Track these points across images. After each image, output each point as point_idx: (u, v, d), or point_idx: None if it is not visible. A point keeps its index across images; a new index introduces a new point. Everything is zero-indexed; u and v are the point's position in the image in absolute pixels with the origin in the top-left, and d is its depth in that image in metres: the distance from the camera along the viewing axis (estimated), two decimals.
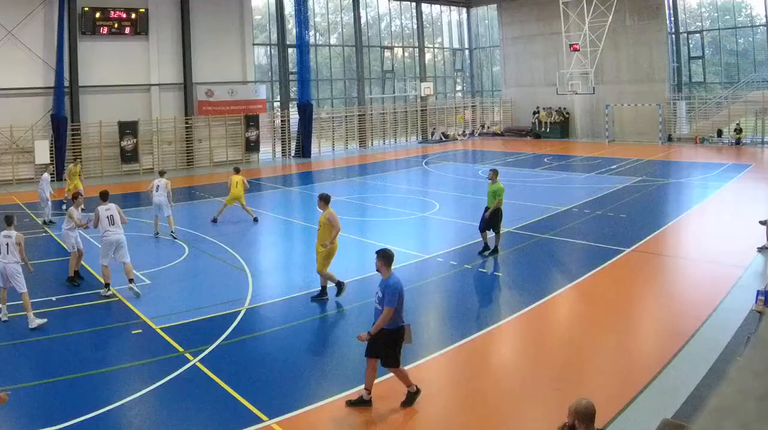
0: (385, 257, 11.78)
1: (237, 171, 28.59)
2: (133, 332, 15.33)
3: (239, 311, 16.64)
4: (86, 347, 14.65)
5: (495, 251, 21.42)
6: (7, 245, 16.04)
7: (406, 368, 12.06)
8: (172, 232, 25.05)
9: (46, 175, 28.72)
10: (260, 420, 11.06)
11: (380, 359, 11.53)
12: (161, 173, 26.85)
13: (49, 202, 28.03)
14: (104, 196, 18.84)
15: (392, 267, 11.85)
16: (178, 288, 19.13)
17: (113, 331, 15.72)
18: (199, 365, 13.31)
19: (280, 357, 14.05)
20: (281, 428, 10.91)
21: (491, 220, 21.07)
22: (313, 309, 16.97)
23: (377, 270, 12.00)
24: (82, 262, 20.14)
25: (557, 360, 13.61)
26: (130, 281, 17.99)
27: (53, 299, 17.76)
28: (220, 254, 22.68)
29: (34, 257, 21.98)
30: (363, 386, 11.67)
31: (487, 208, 21.17)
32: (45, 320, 15.91)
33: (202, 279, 20.09)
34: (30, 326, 15.57)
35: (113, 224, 18.09)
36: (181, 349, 14.15)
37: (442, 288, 19.07)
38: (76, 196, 20.13)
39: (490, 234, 21.43)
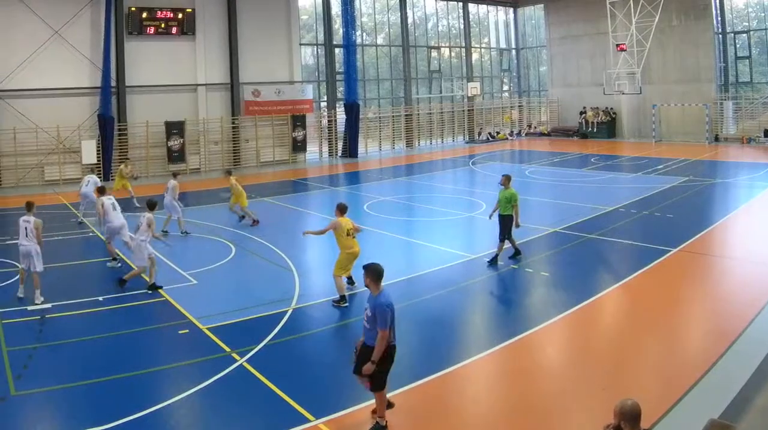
0: (374, 273, 10.90)
1: (230, 173, 28.79)
2: (180, 332, 15.35)
3: (286, 311, 16.60)
4: (133, 347, 14.64)
5: (495, 260, 20.62)
6: (26, 228, 17.72)
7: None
8: (183, 231, 25.41)
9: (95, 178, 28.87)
10: (307, 420, 11.03)
11: (370, 382, 10.80)
12: (174, 175, 26.88)
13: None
14: (101, 191, 20.63)
15: (380, 283, 10.91)
16: (225, 288, 19.14)
17: (160, 331, 15.79)
18: (246, 365, 13.32)
19: (327, 357, 14.08)
20: (328, 428, 10.87)
21: (505, 226, 20.55)
22: (358, 309, 16.14)
23: (366, 286, 11.06)
24: (129, 262, 20.62)
25: (603, 360, 13.61)
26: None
27: (100, 299, 17.81)
28: (267, 253, 22.67)
29: (81, 257, 22.35)
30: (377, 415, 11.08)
31: (500, 216, 20.65)
32: (49, 305, 16.92)
33: (248, 279, 20.18)
34: (35, 301, 17.21)
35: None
36: (228, 349, 14.14)
37: (488, 288, 19.05)
38: (152, 205, 19.83)
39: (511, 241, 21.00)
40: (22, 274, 18.13)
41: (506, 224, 20.41)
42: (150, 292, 18.25)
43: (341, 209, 18.09)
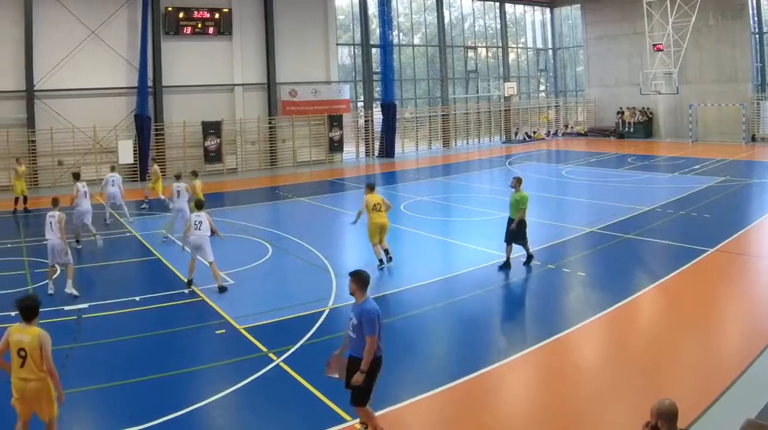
0: (359, 280, 10.47)
1: (195, 175, 27.60)
2: (216, 332, 15.35)
3: (323, 311, 16.55)
4: (170, 347, 14.73)
5: (529, 259, 20.12)
6: (51, 223, 18.19)
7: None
8: (164, 236, 24.89)
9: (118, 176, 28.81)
10: (343, 420, 10.99)
11: (351, 396, 10.30)
12: (177, 177, 25.86)
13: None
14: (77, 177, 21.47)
15: (366, 291, 10.53)
16: (262, 288, 19.24)
17: (197, 331, 15.77)
18: (282, 365, 13.29)
19: None
20: (364, 427, 10.77)
21: (517, 232, 19.71)
22: (397, 309, 16.86)
23: (351, 294, 10.59)
24: (165, 261, 20.96)
25: (640, 360, 13.48)
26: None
27: (136, 299, 17.85)
28: (304, 253, 22.61)
29: (117, 257, 22.44)
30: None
31: (510, 220, 19.98)
32: (86, 305, 16.93)
33: (285, 279, 20.31)
34: (66, 290, 17.75)
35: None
36: (264, 349, 14.12)
37: (525, 288, 19.02)
38: (200, 205, 19.92)
39: (517, 248, 20.31)
40: (50, 271, 18.40)
41: (518, 227, 19.75)
42: (187, 291, 18.43)
43: (369, 187, 21.07)
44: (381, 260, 20.38)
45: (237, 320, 15.96)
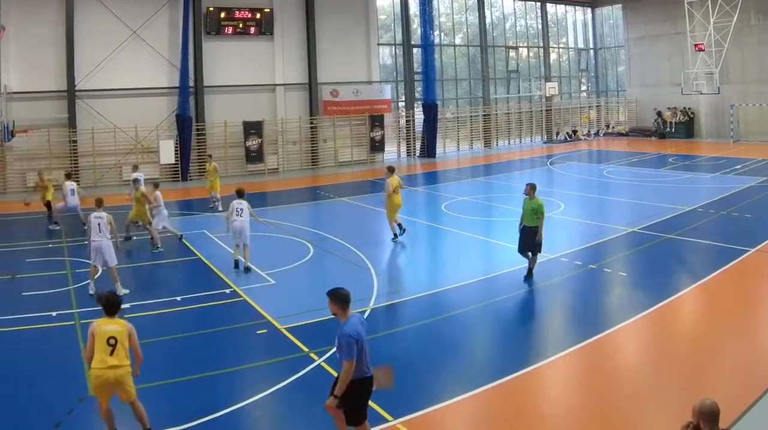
0: (337, 299, 9.72)
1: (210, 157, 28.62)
2: (258, 332, 15.34)
3: (364, 311, 16.37)
4: (211, 347, 14.72)
5: (529, 274, 19.04)
6: (99, 224, 18.06)
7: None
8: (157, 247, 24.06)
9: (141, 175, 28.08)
10: (385, 420, 10.94)
11: (345, 416, 9.75)
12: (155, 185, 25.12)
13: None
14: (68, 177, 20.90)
15: (348, 308, 9.80)
16: (303, 288, 19.16)
17: (238, 331, 15.73)
18: (324, 364, 13.21)
19: (405, 357, 13.74)
20: (406, 428, 10.80)
21: (534, 240, 18.77)
22: (439, 309, 16.83)
23: (333, 314, 9.87)
24: (206, 261, 21.63)
25: (682, 360, 13.41)
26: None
27: (178, 298, 17.91)
28: (345, 253, 22.57)
29: (157, 257, 22.74)
30: None
31: (524, 227, 18.95)
32: (127, 305, 16.42)
33: (326, 278, 19.77)
34: (118, 293, 16.19)
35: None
36: (306, 349, 14.07)
37: (566, 288, 18.72)
38: (241, 193, 21.15)
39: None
40: (93, 271, 18.44)
41: (528, 236, 18.95)
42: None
43: (391, 170, 24.28)
44: (395, 235, 23.98)
45: (278, 320, 15.93)
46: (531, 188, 19.29)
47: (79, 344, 14.44)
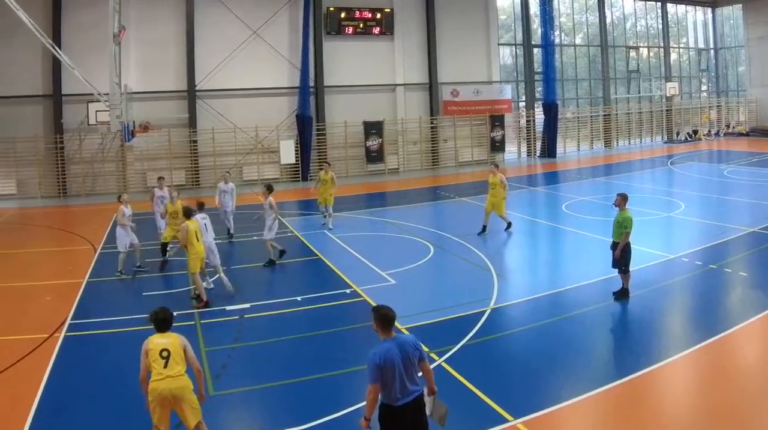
0: (375, 316, 8.90)
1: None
2: None
3: (484, 311, 16.19)
4: (331, 346, 14.58)
5: (625, 293, 16.72)
6: (205, 225, 18.38)
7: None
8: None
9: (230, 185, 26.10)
10: (505, 420, 10.79)
11: None
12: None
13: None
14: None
15: (390, 330, 8.87)
16: (423, 288, 18.92)
17: (358, 331, 15.36)
18: (444, 364, 13.08)
19: (526, 357, 13.68)
20: (527, 428, 10.60)
21: (622, 258, 16.52)
22: (559, 309, 16.51)
23: (375, 331, 8.98)
24: (327, 261, 21.62)
25: None
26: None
27: (298, 299, 17.75)
28: (465, 253, 22.08)
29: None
30: None
31: (615, 244, 16.79)
32: (248, 305, 17.00)
33: (446, 279, 19.89)
34: (226, 288, 17.96)
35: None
36: (426, 349, 12.81)
37: (686, 288, 18.20)
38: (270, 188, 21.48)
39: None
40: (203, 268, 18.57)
41: (622, 253, 16.54)
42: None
43: (496, 166, 25.83)
44: (485, 227, 24.68)
45: (398, 320, 14.88)
46: (622, 199, 16.90)
47: (200, 344, 14.44)
